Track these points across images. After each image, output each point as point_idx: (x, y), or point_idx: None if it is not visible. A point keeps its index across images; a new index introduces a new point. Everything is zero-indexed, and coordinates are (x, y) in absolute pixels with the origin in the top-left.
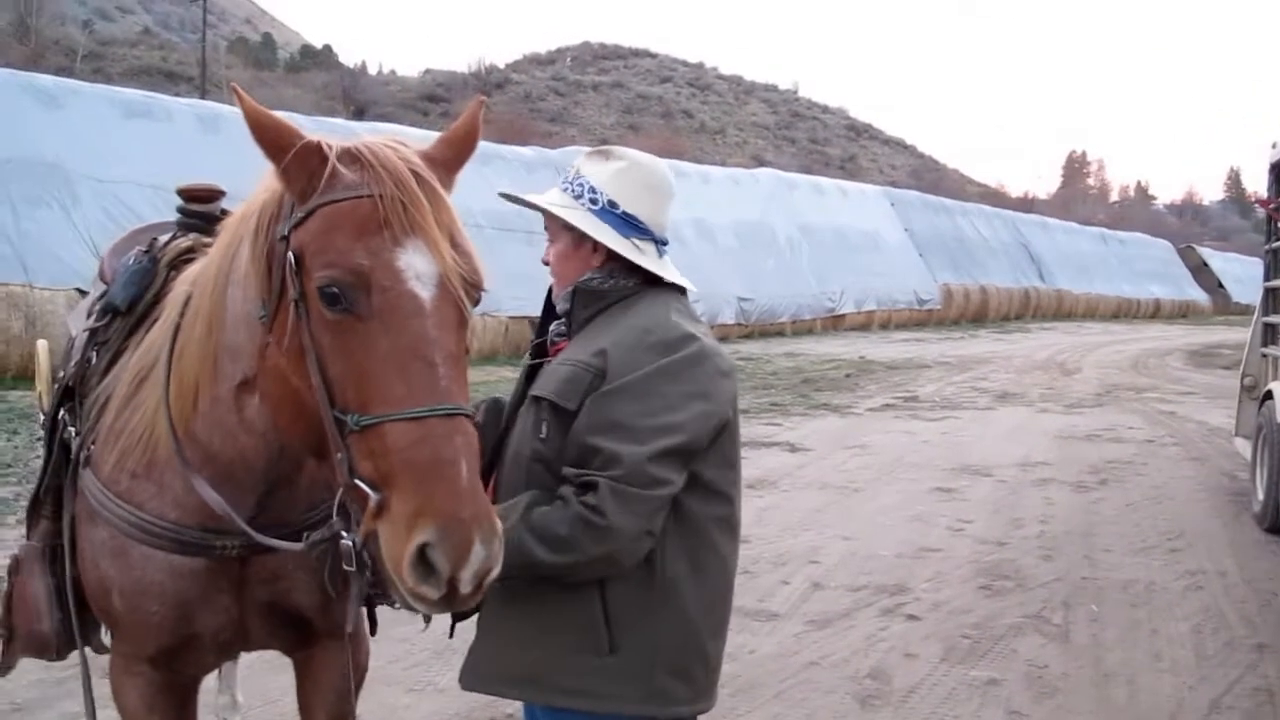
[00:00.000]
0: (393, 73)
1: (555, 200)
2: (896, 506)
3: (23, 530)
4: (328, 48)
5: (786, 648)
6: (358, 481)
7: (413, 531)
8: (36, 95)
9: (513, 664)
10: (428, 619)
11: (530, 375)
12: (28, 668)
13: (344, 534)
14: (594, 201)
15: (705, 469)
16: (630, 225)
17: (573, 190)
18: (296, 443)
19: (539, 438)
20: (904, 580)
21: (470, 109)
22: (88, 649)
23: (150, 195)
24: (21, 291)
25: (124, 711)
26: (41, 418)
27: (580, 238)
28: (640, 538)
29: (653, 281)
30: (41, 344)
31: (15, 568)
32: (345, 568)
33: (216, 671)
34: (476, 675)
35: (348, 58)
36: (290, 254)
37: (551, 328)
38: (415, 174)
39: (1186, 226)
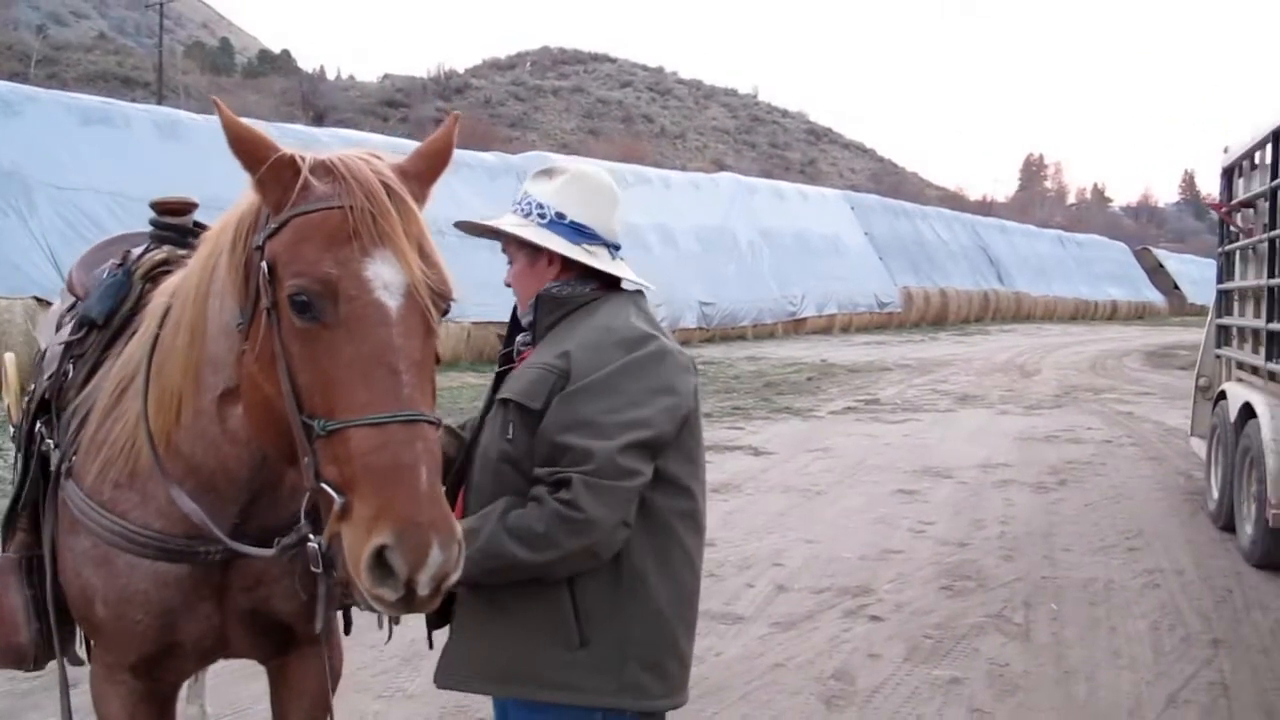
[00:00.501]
0: (351, 78)
1: (508, 222)
2: (859, 509)
3: None
4: (286, 53)
5: (752, 650)
6: (323, 485)
7: (371, 534)
8: None
9: (487, 661)
10: (392, 626)
11: (498, 385)
12: None
13: (310, 537)
14: (542, 216)
15: (668, 463)
16: (579, 233)
17: (522, 210)
18: (270, 448)
19: (506, 439)
20: (867, 582)
21: (446, 124)
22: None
23: (109, 202)
24: None
25: None
26: (12, 430)
27: (535, 252)
28: (617, 528)
29: (612, 287)
30: (9, 356)
31: None
32: (311, 569)
33: (189, 680)
34: (451, 674)
35: (306, 63)
36: (264, 263)
37: (518, 339)
38: (386, 186)
39: (1143, 229)
